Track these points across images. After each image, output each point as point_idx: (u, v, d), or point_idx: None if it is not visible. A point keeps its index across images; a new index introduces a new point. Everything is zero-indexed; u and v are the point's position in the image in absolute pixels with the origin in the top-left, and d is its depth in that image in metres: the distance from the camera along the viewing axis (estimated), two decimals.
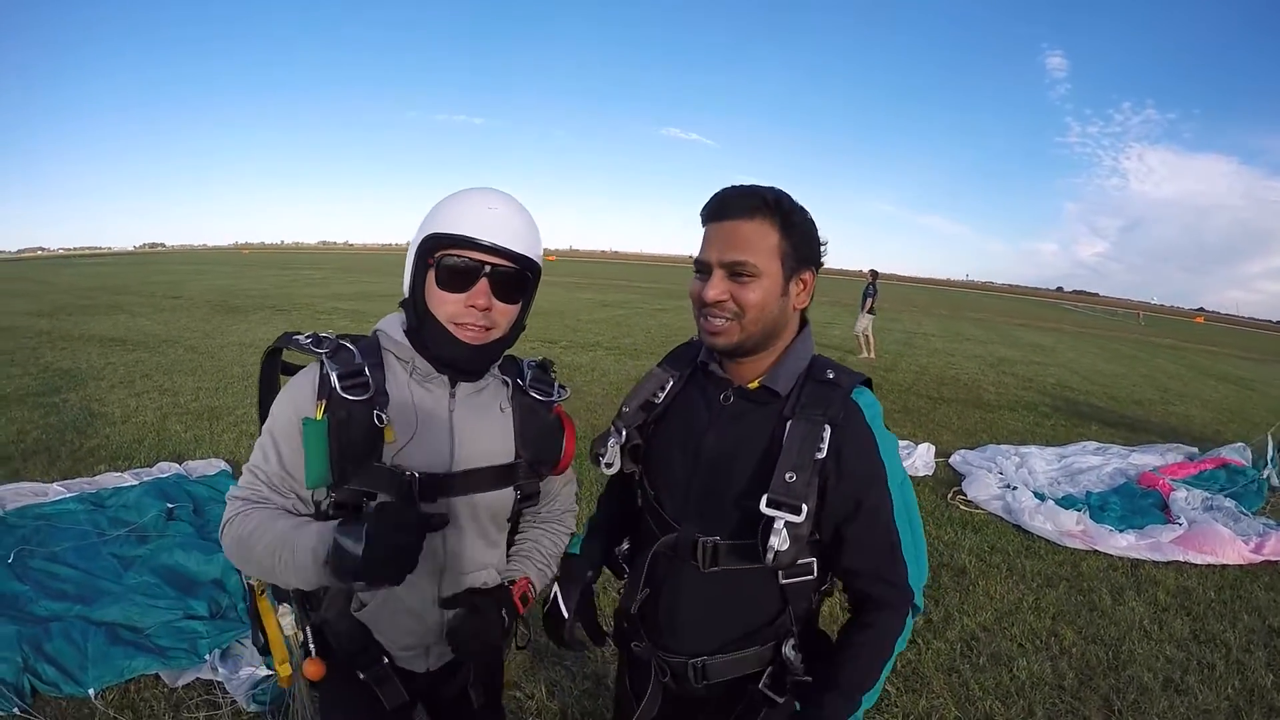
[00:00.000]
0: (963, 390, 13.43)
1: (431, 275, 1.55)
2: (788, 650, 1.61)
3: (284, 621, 1.71)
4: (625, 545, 1.90)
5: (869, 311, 17.10)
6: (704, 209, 1.57)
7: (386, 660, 1.67)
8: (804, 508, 1.43)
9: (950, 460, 8.09)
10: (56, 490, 5.42)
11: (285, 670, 1.78)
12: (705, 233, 1.56)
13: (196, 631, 3.69)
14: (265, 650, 1.81)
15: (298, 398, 1.54)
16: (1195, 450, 8.89)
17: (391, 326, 1.66)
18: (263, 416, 1.65)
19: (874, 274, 17.89)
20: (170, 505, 5.13)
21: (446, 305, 1.54)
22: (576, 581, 1.78)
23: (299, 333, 1.60)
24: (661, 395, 1.74)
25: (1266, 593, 5.27)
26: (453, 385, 1.65)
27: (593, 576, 1.83)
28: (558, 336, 16.55)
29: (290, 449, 1.54)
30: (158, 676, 3.43)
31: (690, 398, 1.72)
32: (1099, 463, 8.10)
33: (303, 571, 1.42)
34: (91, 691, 3.27)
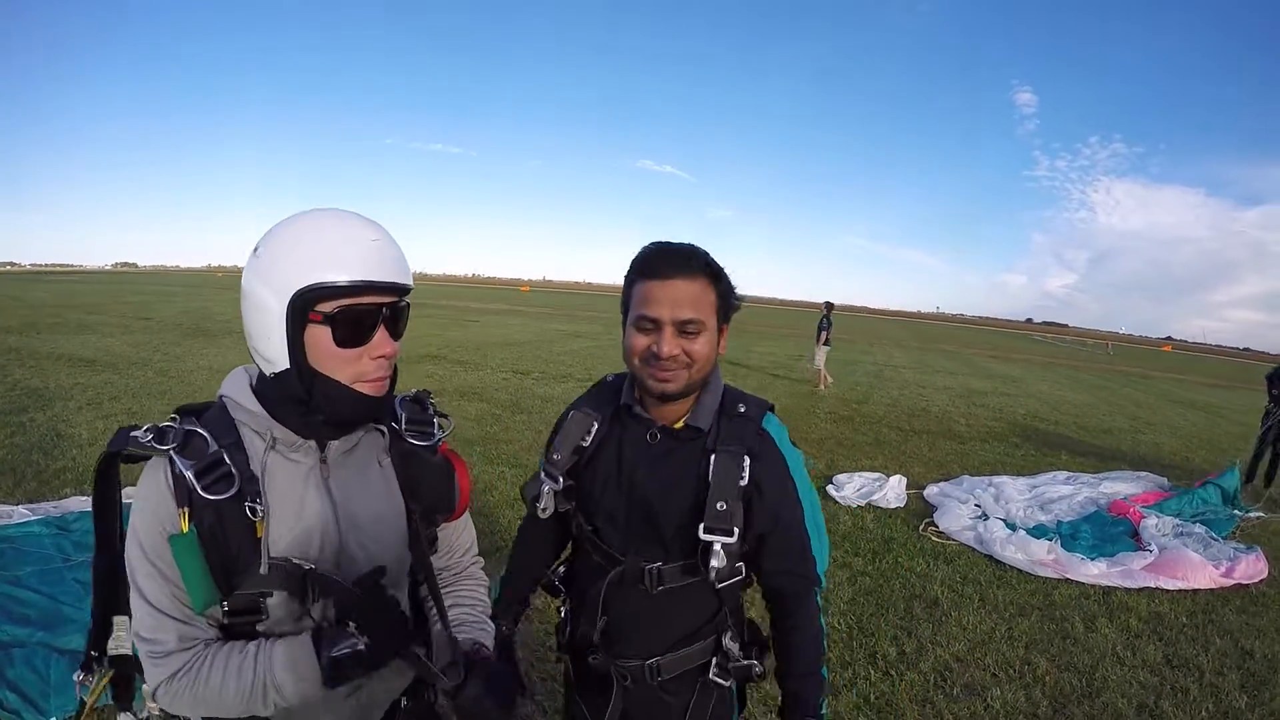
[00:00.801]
0: (934, 422, 13.51)
1: (320, 334, 1.28)
2: (727, 641, 1.82)
3: None
4: (560, 569, 2.05)
5: (824, 344, 17.27)
6: (643, 265, 1.65)
7: None
8: (735, 530, 1.64)
9: (925, 493, 8.11)
10: (21, 513, 5.33)
11: None
12: (647, 289, 1.63)
13: None
14: None
15: (155, 509, 1.29)
16: (1165, 480, 8.98)
17: (238, 392, 1.39)
18: (103, 536, 1.44)
19: (829, 306, 18.19)
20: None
21: (349, 364, 1.32)
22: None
23: (136, 427, 1.33)
24: (589, 438, 1.82)
25: (1238, 615, 5.33)
26: (322, 449, 1.41)
27: (508, 630, 1.94)
28: (530, 368, 16.55)
29: (165, 568, 1.29)
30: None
31: (616, 438, 1.82)
32: (1070, 492, 8.16)
33: (284, 695, 1.29)
34: (53, 719, 3.21)
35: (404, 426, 1.52)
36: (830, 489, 7.90)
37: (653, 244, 1.70)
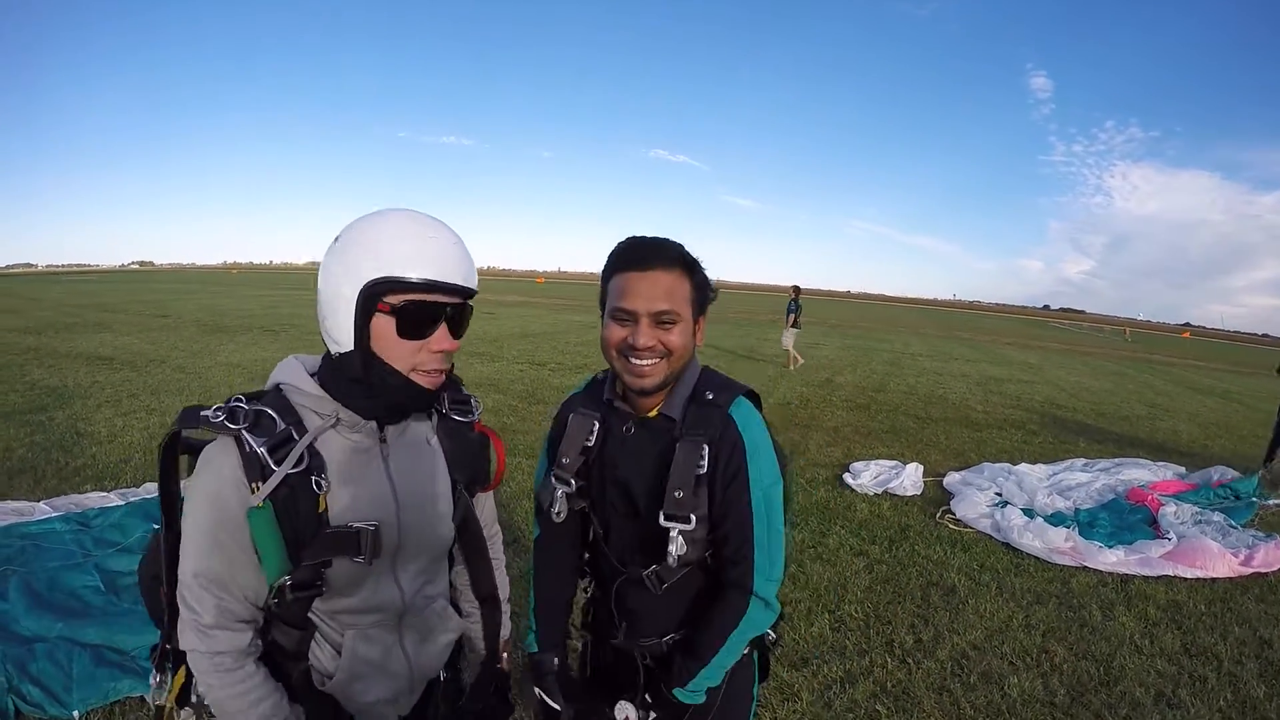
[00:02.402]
0: (951, 409, 13.45)
1: (385, 324, 1.38)
2: None
3: None
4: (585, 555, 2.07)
5: (793, 326, 18.17)
6: (619, 259, 1.70)
7: None
8: (692, 518, 1.68)
9: (945, 480, 8.08)
10: (42, 510, 5.39)
11: None
12: (623, 282, 1.68)
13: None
14: None
15: (224, 486, 1.35)
16: (1183, 470, 8.90)
17: (297, 378, 1.47)
18: (168, 512, 1.49)
19: (796, 290, 19.06)
20: (156, 526, 5.08)
21: (408, 355, 1.41)
22: (550, 673, 1.95)
23: (204, 407, 1.37)
24: (592, 438, 1.84)
25: (1257, 604, 5.29)
26: (381, 430, 1.51)
27: (559, 664, 1.98)
28: (546, 359, 16.56)
29: (230, 543, 1.36)
30: (143, 699, 3.40)
31: (608, 434, 1.85)
32: (1088, 479, 8.10)
33: None
34: (76, 713, 3.25)
35: (447, 407, 1.66)
36: (846, 477, 7.89)
37: (628, 238, 1.74)
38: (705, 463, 1.69)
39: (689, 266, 1.70)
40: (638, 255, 1.68)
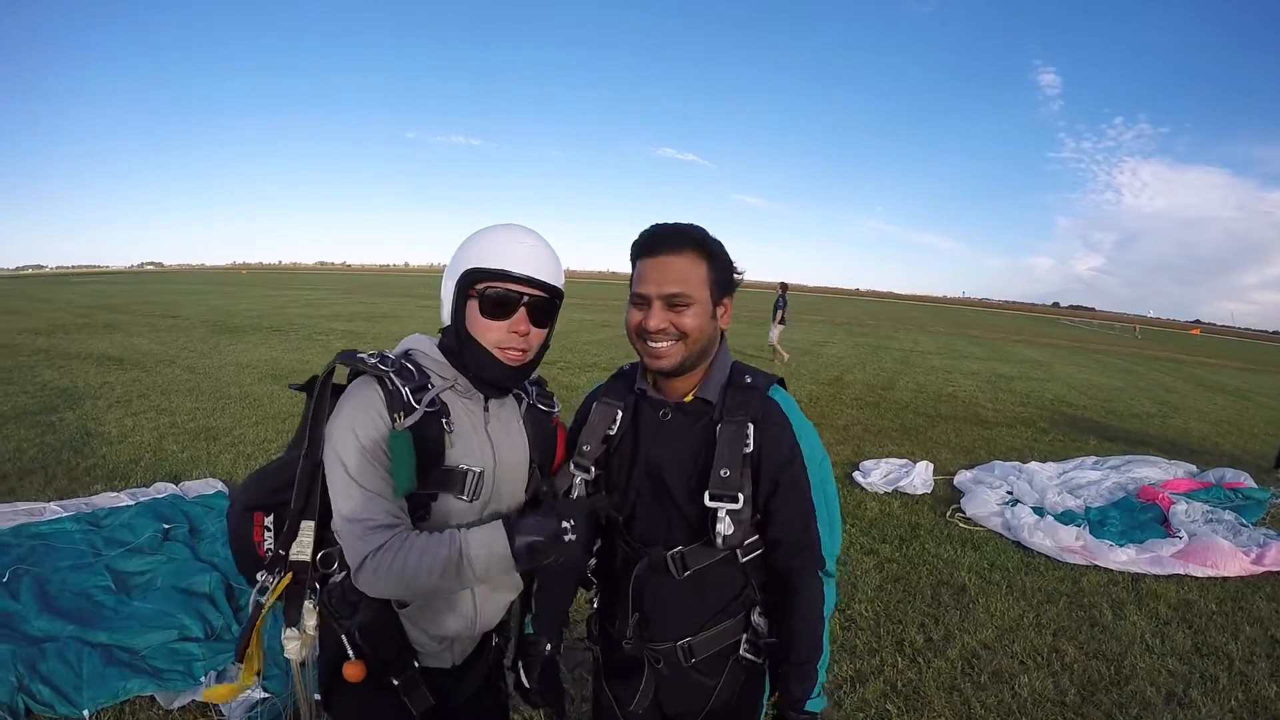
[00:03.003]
0: (961, 407, 13.41)
1: (474, 305, 1.69)
2: (755, 617, 1.88)
3: (289, 646, 1.74)
4: (592, 561, 2.04)
5: (779, 323, 18.45)
6: (636, 245, 1.77)
7: (416, 664, 1.80)
8: (740, 496, 1.71)
9: (956, 479, 8.06)
10: (52, 509, 5.41)
11: (248, 680, 1.85)
12: (640, 268, 1.76)
13: (192, 653, 3.67)
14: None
15: (371, 415, 1.61)
16: (1194, 468, 8.85)
17: (426, 347, 1.78)
18: (314, 439, 1.67)
19: (784, 286, 19.36)
20: (166, 526, 5.11)
21: (491, 332, 1.69)
22: (536, 659, 1.96)
23: (359, 351, 1.68)
24: (615, 427, 1.90)
25: (1268, 603, 5.26)
26: (485, 401, 1.80)
27: (552, 649, 1.98)
28: (555, 358, 16.44)
29: (378, 460, 1.60)
30: (153, 698, 3.41)
31: (634, 422, 1.89)
32: (1098, 477, 8.06)
33: (476, 572, 1.59)
34: (86, 713, 3.26)
35: (534, 399, 1.96)
36: (857, 475, 7.87)
37: (650, 225, 1.78)
38: (751, 442, 1.74)
39: (706, 250, 1.74)
40: (652, 241, 1.74)
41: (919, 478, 7.78)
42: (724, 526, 1.71)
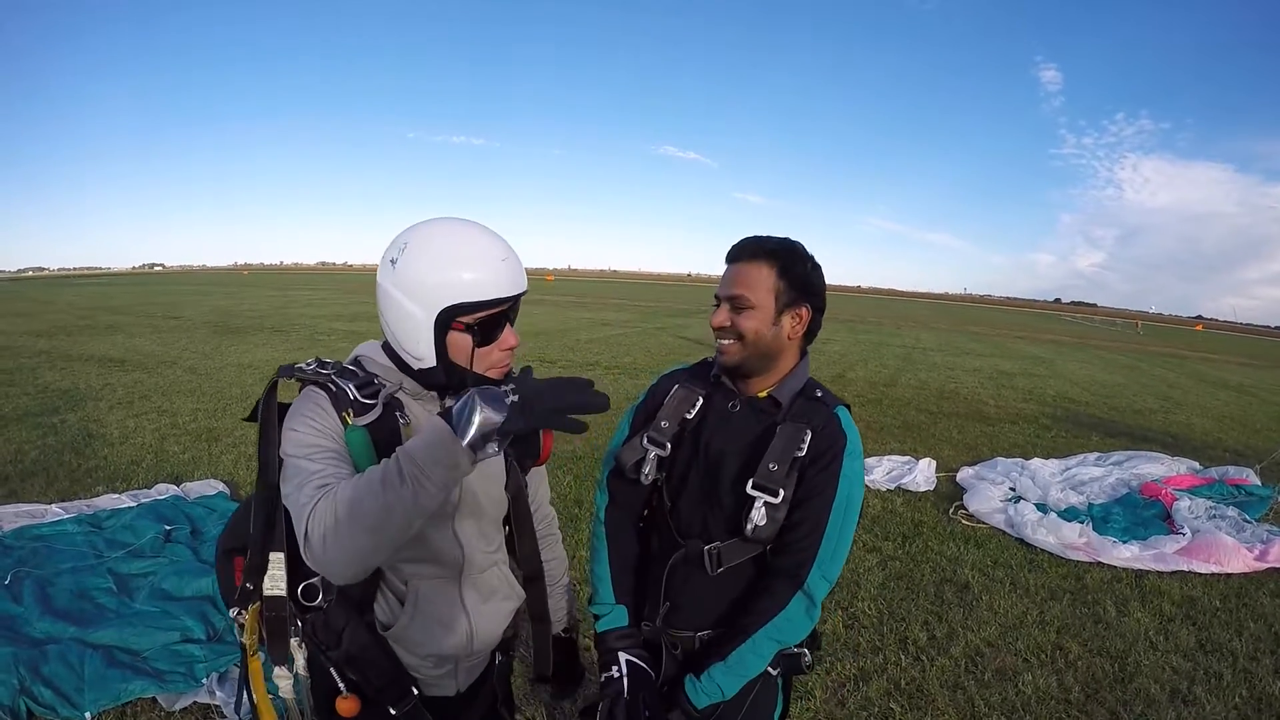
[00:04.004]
0: (963, 404, 13.39)
1: (463, 339, 1.54)
2: None
3: (282, 685, 1.67)
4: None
5: None
6: (728, 253, 1.89)
7: (416, 692, 1.68)
8: (781, 492, 1.75)
9: (959, 475, 8.04)
10: (54, 511, 5.42)
11: None
12: (725, 273, 1.88)
13: (193, 655, 3.68)
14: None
15: (320, 417, 1.50)
16: (1197, 464, 8.83)
17: (373, 352, 1.67)
18: (266, 461, 1.56)
19: None
20: (168, 527, 5.11)
21: (484, 359, 1.59)
22: (633, 638, 1.98)
23: (298, 363, 1.60)
24: (693, 412, 1.95)
25: (1272, 600, 5.25)
26: (442, 400, 1.67)
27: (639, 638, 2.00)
28: (556, 356, 16.53)
29: (331, 453, 1.47)
30: (155, 700, 3.41)
31: (709, 409, 1.95)
32: (1101, 474, 8.05)
33: (427, 476, 1.27)
34: (88, 715, 3.26)
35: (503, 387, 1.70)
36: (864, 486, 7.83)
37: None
38: (805, 448, 1.79)
39: (779, 261, 1.82)
40: (733, 250, 1.87)
41: (921, 475, 7.78)
42: (758, 515, 1.75)
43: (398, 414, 1.58)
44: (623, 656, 1.91)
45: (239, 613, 1.67)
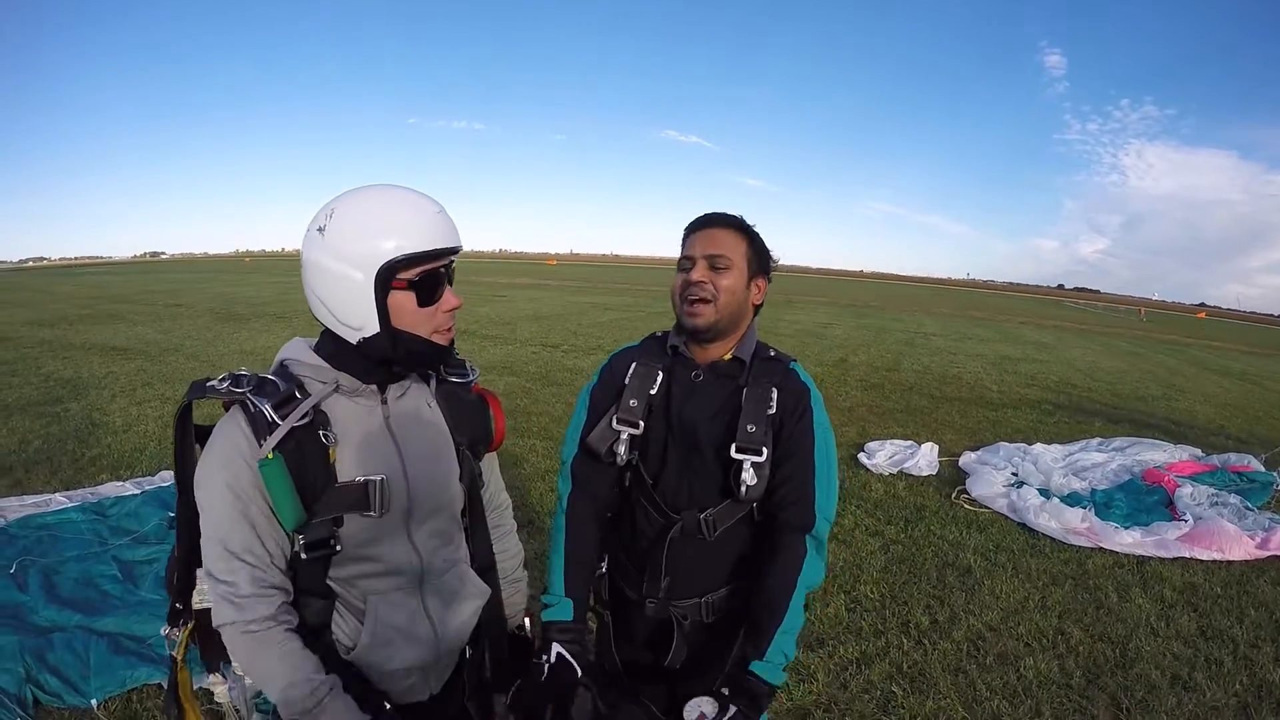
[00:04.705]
0: (965, 389, 13.38)
1: (404, 298, 1.47)
2: None
3: (217, 691, 1.68)
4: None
5: None
6: (689, 226, 1.97)
7: (388, 706, 1.60)
8: (765, 451, 1.84)
9: (961, 460, 8.05)
10: (58, 500, 5.43)
11: None
12: (689, 239, 1.95)
13: None
14: None
15: (237, 449, 1.42)
16: (1200, 451, 8.82)
17: (300, 353, 1.57)
18: (182, 482, 1.52)
19: None
20: (171, 514, 5.11)
21: (426, 321, 1.52)
22: (576, 637, 1.90)
23: (210, 379, 1.48)
24: (656, 386, 1.97)
25: (1273, 587, 5.25)
26: (382, 392, 1.59)
27: (588, 636, 1.99)
28: (560, 341, 16.54)
29: (247, 503, 1.42)
30: (160, 686, 3.42)
31: (668, 383, 1.99)
32: (1103, 459, 8.04)
33: None
34: (94, 702, 3.28)
35: (444, 373, 1.72)
36: (861, 456, 7.88)
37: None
38: (774, 405, 1.89)
39: (746, 232, 1.94)
40: (702, 219, 1.95)
41: (924, 459, 7.78)
42: (748, 476, 1.83)
43: (322, 433, 1.47)
44: (555, 648, 1.83)
45: (169, 630, 1.66)
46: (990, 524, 6.20)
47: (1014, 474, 7.41)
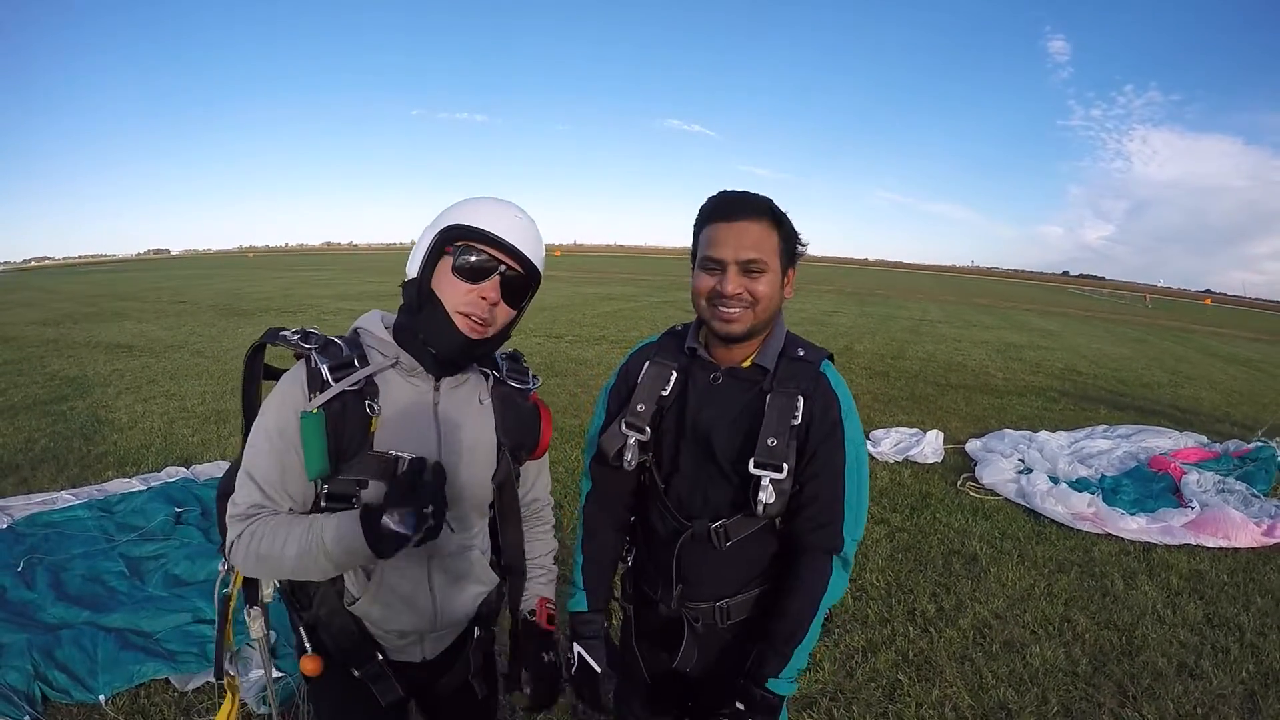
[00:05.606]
0: (970, 376, 13.36)
1: (446, 264, 1.59)
2: None
3: (253, 625, 1.79)
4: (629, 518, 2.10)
5: None
6: (709, 211, 1.77)
7: (381, 656, 1.76)
8: (785, 466, 1.71)
9: (967, 447, 8.06)
10: (65, 498, 5.45)
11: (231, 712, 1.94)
12: (712, 232, 1.74)
13: (205, 635, 3.70)
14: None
15: (290, 396, 1.56)
16: (1205, 438, 8.79)
17: (373, 324, 1.70)
18: (247, 413, 1.69)
19: None
20: (178, 509, 5.13)
21: (458, 294, 1.59)
22: (595, 634, 1.96)
23: (285, 329, 1.63)
24: (669, 389, 1.88)
25: (1279, 575, 5.24)
26: (436, 380, 1.69)
27: (606, 627, 2.02)
28: (563, 331, 16.48)
29: (286, 446, 1.55)
30: (168, 681, 3.44)
31: (684, 385, 1.89)
32: (1109, 446, 8.04)
33: (335, 562, 1.50)
34: (102, 697, 3.29)
35: (504, 374, 1.84)
36: (867, 444, 7.83)
37: (719, 191, 1.79)
38: (800, 415, 1.75)
39: (777, 218, 1.74)
40: (727, 207, 1.74)
41: (929, 446, 7.78)
42: (766, 495, 1.71)
43: (369, 403, 1.59)
44: (576, 648, 1.91)
45: (226, 567, 1.78)
46: (996, 511, 6.20)
47: (1020, 460, 7.42)
